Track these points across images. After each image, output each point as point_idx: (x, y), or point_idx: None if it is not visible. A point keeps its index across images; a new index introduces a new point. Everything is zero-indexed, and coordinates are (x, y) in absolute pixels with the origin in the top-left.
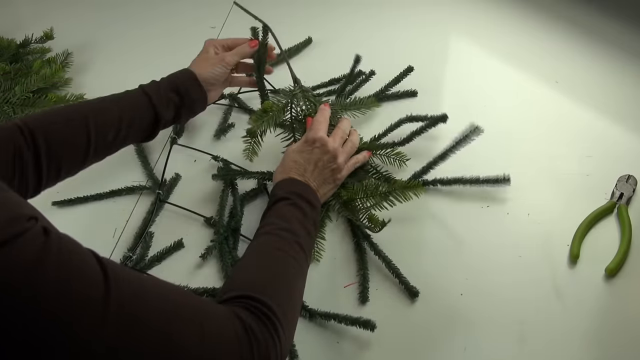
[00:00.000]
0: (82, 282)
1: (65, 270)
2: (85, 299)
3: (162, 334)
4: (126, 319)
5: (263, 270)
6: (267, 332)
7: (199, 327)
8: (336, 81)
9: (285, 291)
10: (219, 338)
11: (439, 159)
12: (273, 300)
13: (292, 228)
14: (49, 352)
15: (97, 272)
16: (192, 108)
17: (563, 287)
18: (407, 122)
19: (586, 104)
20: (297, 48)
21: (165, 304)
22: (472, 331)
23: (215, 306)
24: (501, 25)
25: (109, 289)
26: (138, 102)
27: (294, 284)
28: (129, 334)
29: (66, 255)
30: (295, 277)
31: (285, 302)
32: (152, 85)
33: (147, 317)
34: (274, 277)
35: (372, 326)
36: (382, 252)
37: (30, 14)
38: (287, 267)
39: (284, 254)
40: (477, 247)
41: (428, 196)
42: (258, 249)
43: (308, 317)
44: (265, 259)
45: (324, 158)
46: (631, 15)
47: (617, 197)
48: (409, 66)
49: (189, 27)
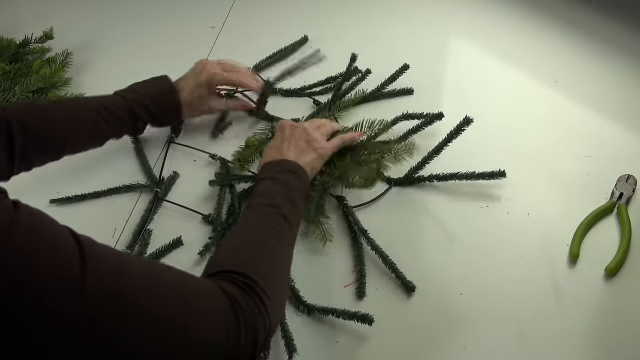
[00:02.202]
0: (55, 256)
1: (35, 243)
2: (59, 273)
3: (144, 309)
4: (106, 294)
5: (246, 246)
6: (253, 304)
7: (183, 301)
8: (332, 80)
9: (269, 264)
10: (205, 312)
11: (433, 153)
12: (257, 273)
13: (275, 203)
14: (24, 326)
15: (72, 247)
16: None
17: (563, 287)
18: (404, 120)
19: (586, 104)
20: (292, 47)
21: (147, 279)
22: (472, 331)
23: (201, 280)
24: (501, 25)
25: (86, 264)
26: (116, 103)
27: (279, 256)
28: (109, 310)
29: (37, 229)
30: (280, 250)
31: (270, 275)
32: (126, 89)
33: (128, 293)
34: (257, 251)
35: (370, 321)
36: (379, 248)
37: (30, 14)
38: (270, 240)
39: (267, 228)
40: (477, 247)
41: (428, 195)
42: (241, 227)
43: (306, 312)
44: (248, 235)
45: (295, 134)
46: (630, 15)
47: (617, 197)
48: (405, 64)
49: (189, 27)
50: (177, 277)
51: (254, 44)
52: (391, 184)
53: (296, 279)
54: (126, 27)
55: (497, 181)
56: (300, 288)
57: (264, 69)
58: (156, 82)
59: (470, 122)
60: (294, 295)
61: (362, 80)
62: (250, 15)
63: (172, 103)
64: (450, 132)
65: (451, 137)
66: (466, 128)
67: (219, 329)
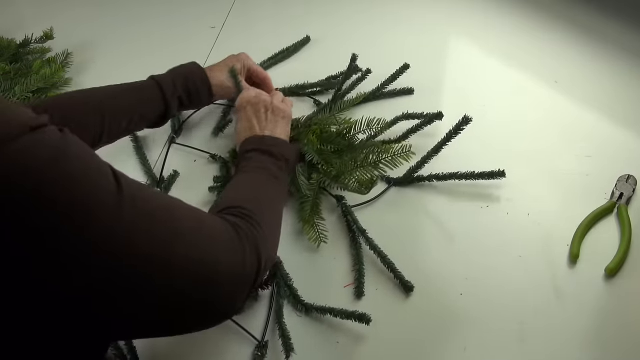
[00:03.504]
0: (99, 172)
1: (84, 160)
2: (104, 189)
3: (170, 229)
4: (138, 213)
5: (242, 191)
6: (250, 226)
7: (198, 228)
8: (333, 79)
9: (262, 202)
10: (215, 237)
11: (432, 153)
12: (252, 207)
13: (266, 166)
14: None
15: (106, 165)
16: (195, 107)
17: (563, 287)
18: (403, 119)
19: (586, 104)
20: (295, 47)
21: (170, 206)
22: (472, 331)
23: (206, 213)
24: (501, 25)
25: (120, 184)
26: (152, 95)
27: (271, 198)
28: (142, 227)
29: (82, 147)
30: (271, 194)
31: (263, 209)
32: (166, 81)
33: (156, 214)
34: (252, 193)
35: (368, 320)
36: (377, 247)
37: (31, 14)
38: (263, 187)
39: (260, 180)
40: (477, 247)
41: (427, 195)
42: (235, 182)
43: (304, 311)
44: (243, 185)
45: (258, 109)
46: (631, 15)
47: (617, 197)
48: (405, 64)
49: (189, 27)
50: (190, 207)
51: (254, 44)
52: (390, 184)
53: (294, 278)
54: (126, 27)
55: (497, 181)
56: (298, 287)
57: (266, 69)
58: (185, 65)
59: (469, 121)
60: (292, 295)
61: (363, 80)
62: (251, 15)
63: (202, 79)
64: (449, 132)
65: (450, 136)
66: (465, 127)
67: (229, 251)
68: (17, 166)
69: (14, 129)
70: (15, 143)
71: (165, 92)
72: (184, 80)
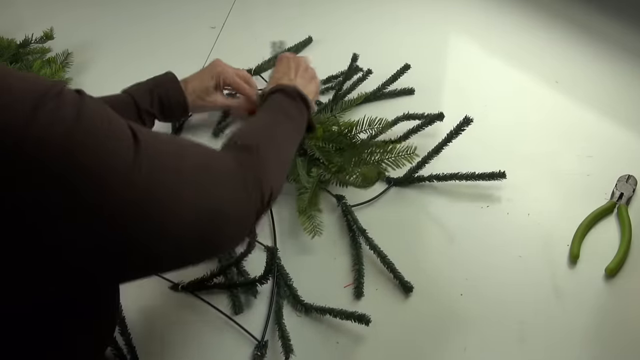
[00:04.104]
0: (116, 123)
1: (102, 111)
2: (122, 136)
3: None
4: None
5: (257, 125)
6: (250, 157)
7: (206, 164)
8: (334, 79)
9: (268, 139)
10: (223, 173)
11: (433, 153)
12: (256, 141)
13: (283, 106)
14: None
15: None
16: (169, 121)
17: (563, 287)
18: (404, 120)
19: (586, 104)
20: (297, 48)
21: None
22: (472, 331)
23: (212, 148)
24: (501, 25)
25: (138, 138)
26: (126, 109)
27: (283, 135)
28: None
29: (98, 103)
30: (285, 131)
31: (268, 144)
32: (141, 95)
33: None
34: (259, 129)
35: (367, 320)
36: (377, 247)
37: (30, 14)
38: (278, 123)
39: (272, 118)
40: (477, 247)
41: (427, 195)
42: (253, 117)
43: (304, 311)
44: (259, 119)
45: (300, 64)
46: (631, 15)
47: (617, 197)
48: (406, 64)
49: (189, 27)
50: (199, 145)
51: (254, 44)
52: (390, 183)
53: (294, 278)
54: (126, 27)
55: (497, 181)
56: (297, 287)
57: (265, 70)
58: (160, 76)
59: (470, 121)
60: (292, 294)
61: (363, 80)
62: (250, 15)
63: (176, 92)
64: (450, 132)
65: (451, 136)
66: (466, 128)
67: (232, 186)
68: (47, 126)
69: (42, 96)
70: (46, 106)
71: (140, 109)
72: (159, 97)
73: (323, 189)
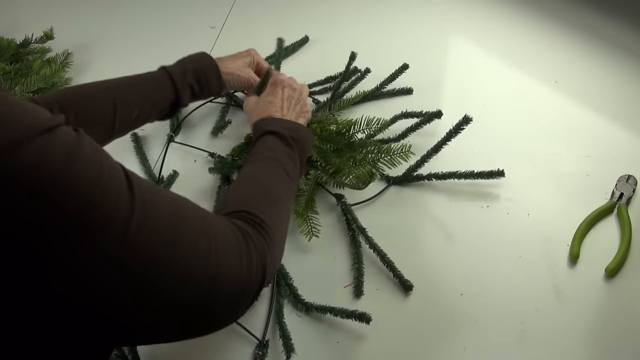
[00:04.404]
0: (110, 175)
1: (98, 161)
2: (115, 192)
3: (175, 234)
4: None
5: (253, 189)
6: (260, 236)
7: (207, 233)
8: (332, 79)
9: (272, 204)
10: (224, 244)
11: (432, 151)
12: (263, 212)
13: (280, 158)
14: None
15: (119, 166)
16: (207, 96)
17: (563, 287)
18: (402, 118)
19: (586, 104)
20: (293, 47)
21: (177, 210)
22: (472, 330)
23: (217, 217)
24: (500, 24)
25: (132, 188)
26: (162, 84)
27: (281, 200)
28: (149, 233)
29: (96, 148)
30: (282, 195)
31: (274, 213)
32: (176, 70)
33: (163, 219)
34: (264, 194)
35: (368, 319)
36: (376, 246)
37: (30, 14)
38: (275, 185)
39: (272, 176)
40: (477, 247)
41: (426, 194)
42: (247, 174)
43: (304, 310)
44: (255, 181)
45: (293, 95)
46: (631, 14)
47: (617, 197)
48: (404, 64)
49: (189, 27)
50: (200, 211)
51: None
52: (389, 182)
53: (294, 277)
54: (126, 27)
55: (497, 181)
56: (298, 286)
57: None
58: (195, 54)
59: (469, 120)
60: (292, 294)
61: (362, 79)
62: (250, 15)
63: (212, 68)
64: (449, 131)
65: (450, 135)
66: (465, 127)
67: (235, 260)
68: (30, 168)
69: (30, 130)
70: (30, 145)
71: (176, 81)
72: (194, 69)
73: (322, 188)
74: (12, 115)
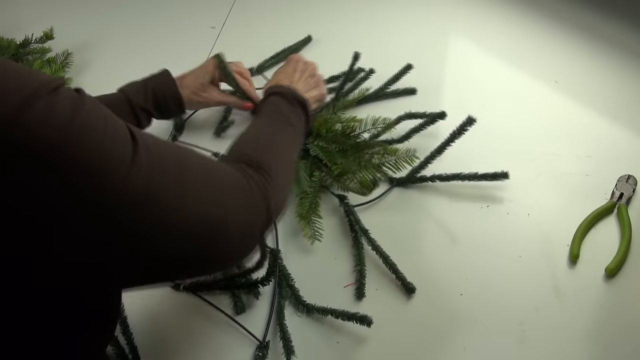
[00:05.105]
0: (115, 127)
1: (100, 115)
2: (120, 143)
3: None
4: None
5: (254, 138)
6: (261, 176)
7: (210, 176)
8: (335, 79)
9: (274, 151)
10: (228, 185)
11: (435, 153)
12: (262, 156)
13: (282, 111)
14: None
15: (121, 121)
16: (165, 118)
17: (563, 287)
18: (406, 119)
19: (586, 104)
20: (296, 47)
21: (179, 152)
22: (472, 331)
23: (221, 162)
24: (500, 24)
25: (135, 138)
26: (120, 109)
27: (282, 145)
28: (154, 177)
29: (96, 104)
30: (283, 141)
31: (274, 159)
32: (135, 93)
33: (167, 164)
34: (263, 141)
35: (369, 322)
36: (379, 248)
37: (30, 14)
38: (275, 133)
39: (272, 127)
40: (477, 247)
41: (428, 195)
42: (249, 128)
43: (305, 312)
44: (256, 131)
45: (307, 68)
46: (631, 14)
47: (617, 197)
48: (408, 64)
49: (189, 27)
50: (202, 159)
51: (254, 43)
52: (393, 184)
53: (296, 279)
54: (126, 27)
55: (498, 181)
56: (299, 287)
57: (268, 68)
58: (155, 74)
59: (473, 121)
60: (293, 295)
61: (365, 80)
62: (250, 15)
63: (170, 86)
64: (453, 132)
65: (454, 136)
66: (469, 128)
67: (239, 195)
68: (42, 124)
69: (36, 91)
70: (37, 104)
71: (134, 107)
72: (153, 93)
73: (325, 189)
74: (18, 76)
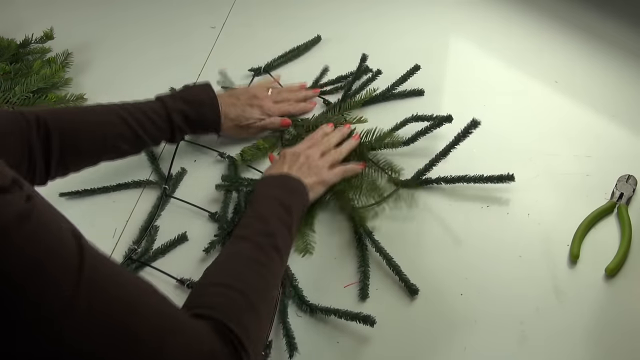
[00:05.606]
0: (57, 258)
1: (44, 234)
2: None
3: (124, 326)
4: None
5: (234, 283)
6: (233, 349)
7: (160, 328)
8: (343, 79)
9: (253, 314)
10: (178, 345)
11: (440, 155)
12: (241, 326)
13: (271, 229)
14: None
15: (71, 236)
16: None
17: (563, 287)
18: (413, 121)
19: (586, 104)
20: (305, 46)
21: (134, 298)
22: (472, 331)
23: (181, 313)
24: (499, 24)
25: (83, 259)
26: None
27: (266, 302)
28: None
29: (44, 226)
30: (266, 288)
31: (253, 325)
32: (176, 110)
33: (112, 303)
34: (245, 293)
35: (372, 322)
36: (383, 249)
37: (30, 14)
38: (259, 279)
39: (257, 264)
40: (478, 247)
41: (429, 195)
42: (231, 257)
43: (309, 312)
44: (237, 269)
45: (298, 159)
46: (631, 14)
47: (617, 197)
48: (416, 65)
49: (189, 28)
50: (161, 304)
51: (254, 44)
52: (398, 186)
53: (299, 279)
54: (126, 27)
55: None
56: (303, 287)
57: (275, 68)
58: (198, 88)
59: (477, 124)
60: (297, 295)
61: (373, 80)
62: (250, 15)
63: (212, 112)
64: (458, 135)
65: (458, 139)
66: (473, 130)
67: None
68: None
69: None
70: None
71: (175, 134)
72: (196, 113)
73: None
74: None
